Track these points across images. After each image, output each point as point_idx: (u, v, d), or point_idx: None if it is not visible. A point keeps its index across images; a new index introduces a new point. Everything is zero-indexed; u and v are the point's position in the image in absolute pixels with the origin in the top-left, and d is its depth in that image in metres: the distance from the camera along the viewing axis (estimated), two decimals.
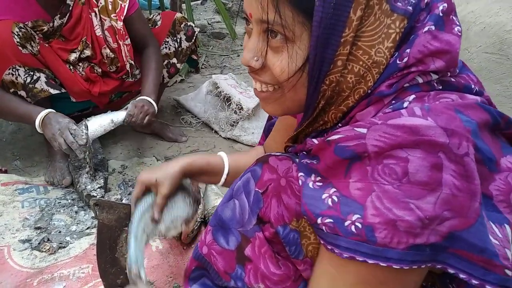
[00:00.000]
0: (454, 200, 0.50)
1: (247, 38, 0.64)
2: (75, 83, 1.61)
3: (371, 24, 0.56)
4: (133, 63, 1.70)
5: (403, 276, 0.54)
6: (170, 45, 1.84)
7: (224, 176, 0.94)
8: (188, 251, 1.34)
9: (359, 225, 0.52)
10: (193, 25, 1.88)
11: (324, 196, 0.56)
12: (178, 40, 1.84)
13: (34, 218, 1.43)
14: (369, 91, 0.60)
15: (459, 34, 0.59)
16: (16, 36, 1.44)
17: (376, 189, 0.52)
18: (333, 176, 0.56)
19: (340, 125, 0.64)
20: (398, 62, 0.58)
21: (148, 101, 1.61)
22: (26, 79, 1.49)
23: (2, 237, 1.34)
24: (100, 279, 0.95)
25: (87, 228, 1.40)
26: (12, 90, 1.49)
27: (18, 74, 1.48)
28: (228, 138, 2.05)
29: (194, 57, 1.96)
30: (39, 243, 1.31)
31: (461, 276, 0.53)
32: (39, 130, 1.46)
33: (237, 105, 2.08)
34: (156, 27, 1.82)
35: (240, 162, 0.97)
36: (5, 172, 1.66)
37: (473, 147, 0.52)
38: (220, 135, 2.08)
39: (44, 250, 1.29)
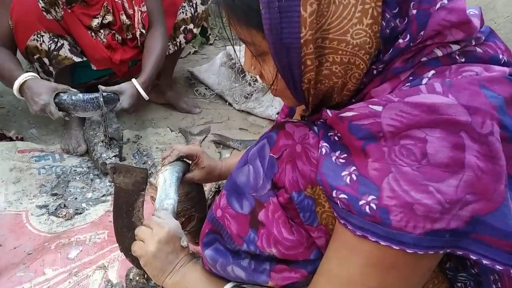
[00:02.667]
0: (478, 183, 0.48)
1: None
2: (96, 51, 1.60)
3: (334, 12, 0.52)
4: (143, 31, 1.66)
5: (416, 260, 0.52)
6: (186, 10, 1.80)
7: None
8: None
9: (374, 206, 0.50)
10: None
11: (343, 173, 0.54)
12: (194, 5, 1.80)
13: (51, 185, 1.45)
14: (380, 69, 0.57)
15: None
16: (40, 1, 1.43)
17: (394, 171, 0.50)
18: (355, 154, 0.55)
19: (354, 100, 0.61)
20: (411, 45, 0.55)
21: (139, 93, 1.52)
22: (50, 46, 1.49)
23: (20, 203, 1.37)
24: (116, 245, 0.96)
25: (103, 196, 1.42)
26: (36, 56, 1.49)
27: (43, 41, 1.47)
28: (242, 111, 2.04)
29: (205, 24, 1.91)
30: (55, 209, 1.33)
31: (485, 262, 0.51)
32: (17, 95, 1.40)
33: (251, 77, 2.05)
34: None
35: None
36: (21, 139, 1.68)
37: (498, 125, 0.49)
38: (234, 107, 2.06)
39: (60, 216, 1.32)
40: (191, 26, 1.84)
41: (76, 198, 1.39)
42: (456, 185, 0.48)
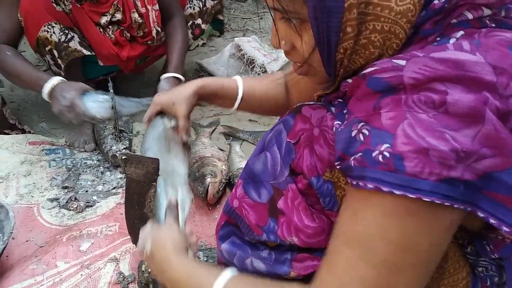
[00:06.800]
0: (497, 138, 0.46)
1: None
2: (104, 46, 1.59)
3: None
4: (159, 29, 1.66)
5: (435, 210, 0.49)
6: (194, 4, 1.78)
7: (238, 100, 0.94)
8: (214, 211, 1.34)
9: (387, 154, 0.48)
10: None
11: (353, 133, 0.51)
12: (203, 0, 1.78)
13: (61, 178, 1.45)
14: (410, 34, 0.55)
15: None
16: None
17: (409, 117, 0.47)
18: (360, 110, 0.52)
19: None
20: (446, 6, 0.53)
21: (178, 79, 1.57)
22: (61, 37, 1.47)
23: (32, 196, 1.37)
24: (127, 237, 0.96)
25: (113, 188, 1.41)
26: (48, 48, 1.48)
27: (53, 32, 1.46)
28: None
29: (220, 17, 1.90)
30: (66, 202, 1.33)
31: (491, 221, 0.49)
32: (47, 98, 1.37)
33: (260, 68, 2.03)
34: None
35: (255, 87, 0.95)
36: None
37: None
38: None
39: (71, 209, 1.31)
40: (199, 21, 1.81)
41: (86, 191, 1.39)
42: (473, 136, 0.46)
